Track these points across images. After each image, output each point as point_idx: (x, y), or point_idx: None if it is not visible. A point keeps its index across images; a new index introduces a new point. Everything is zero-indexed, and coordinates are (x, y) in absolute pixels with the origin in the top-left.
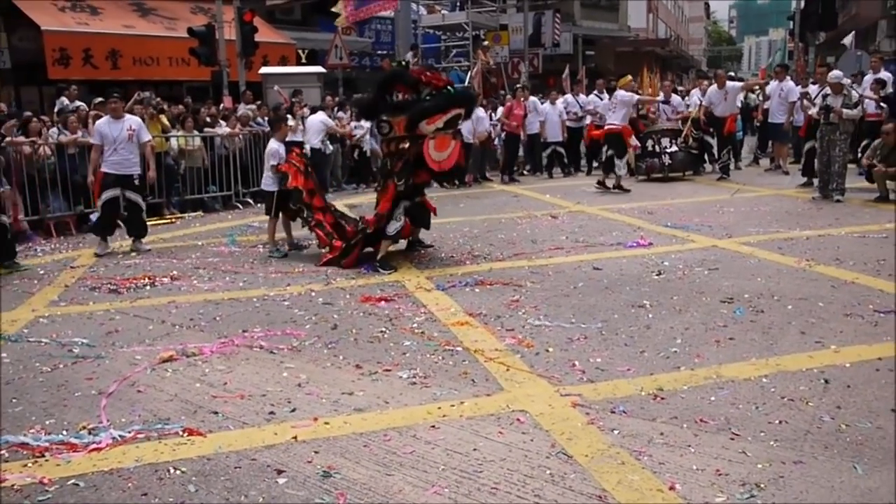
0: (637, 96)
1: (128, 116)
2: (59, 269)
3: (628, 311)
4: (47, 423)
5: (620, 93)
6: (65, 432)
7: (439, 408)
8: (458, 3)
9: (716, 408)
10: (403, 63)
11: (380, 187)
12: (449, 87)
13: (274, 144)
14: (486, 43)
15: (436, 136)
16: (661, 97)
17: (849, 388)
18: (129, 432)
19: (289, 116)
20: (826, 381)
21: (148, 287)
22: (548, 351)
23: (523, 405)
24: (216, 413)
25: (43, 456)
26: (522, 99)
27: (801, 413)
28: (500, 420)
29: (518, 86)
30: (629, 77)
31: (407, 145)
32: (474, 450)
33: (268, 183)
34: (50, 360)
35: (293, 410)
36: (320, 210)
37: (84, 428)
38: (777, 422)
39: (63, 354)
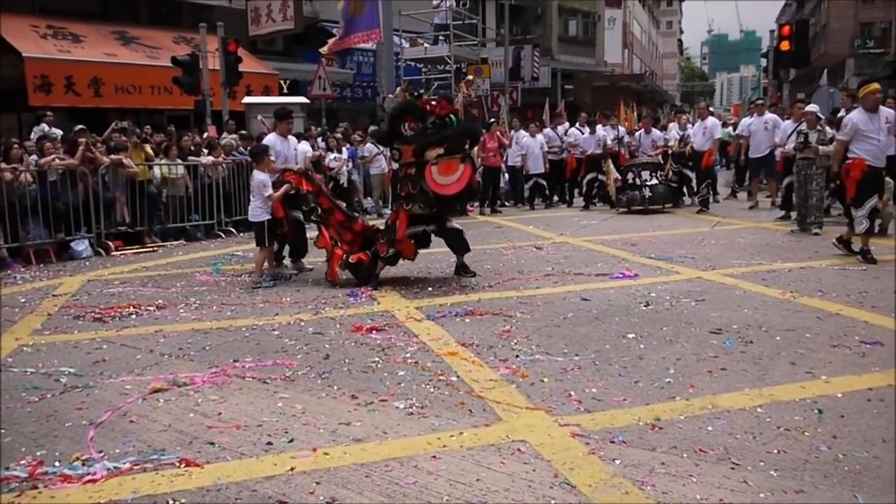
0: None
1: (291, 137)
2: (41, 297)
3: (619, 342)
4: (38, 454)
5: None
6: (57, 464)
7: (439, 438)
8: (441, 37)
9: (714, 437)
10: (415, 94)
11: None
12: (451, 116)
13: (261, 175)
14: (469, 77)
15: (438, 161)
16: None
17: (843, 418)
18: (125, 463)
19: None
20: (820, 411)
21: (133, 316)
22: (543, 381)
23: (523, 435)
24: (212, 444)
25: (36, 488)
26: (498, 133)
27: (798, 443)
28: (500, 450)
29: (492, 120)
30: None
31: (413, 171)
32: (477, 480)
33: (257, 213)
34: (37, 390)
35: (291, 441)
36: (328, 211)
37: (77, 459)
38: (775, 451)
39: (50, 384)
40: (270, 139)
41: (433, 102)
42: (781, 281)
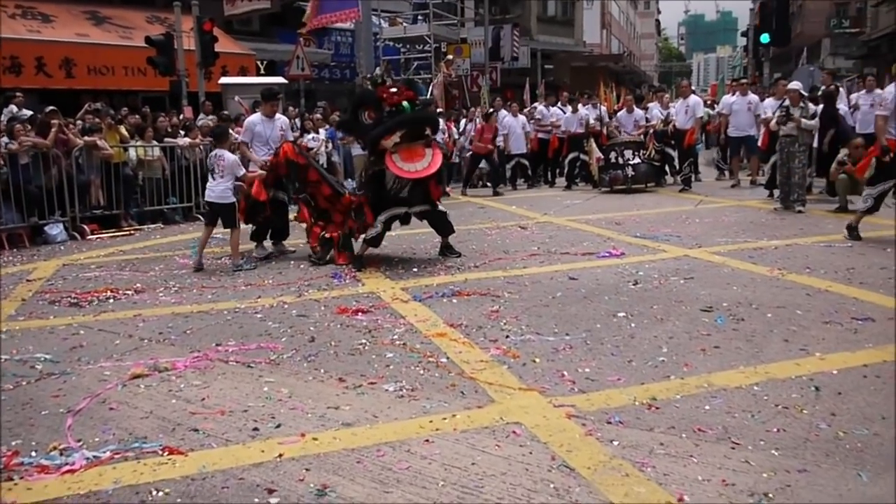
0: None
1: (278, 115)
2: (14, 282)
3: (610, 321)
4: (13, 444)
5: None
6: (33, 454)
7: (431, 421)
8: (420, 16)
9: (712, 417)
10: (375, 78)
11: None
12: (404, 103)
13: (230, 155)
14: (449, 57)
15: (397, 149)
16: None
17: (840, 395)
18: (105, 452)
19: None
20: (817, 389)
21: (111, 300)
22: (534, 361)
23: (517, 417)
24: (196, 430)
25: (11, 479)
26: (495, 122)
27: (797, 421)
28: (495, 433)
29: (491, 110)
30: None
31: (373, 159)
32: (472, 464)
33: (227, 195)
34: (11, 377)
35: (278, 426)
36: (316, 184)
37: (55, 448)
38: (775, 430)
39: (25, 371)
40: (254, 119)
41: (392, 90)
42: (768, 258)
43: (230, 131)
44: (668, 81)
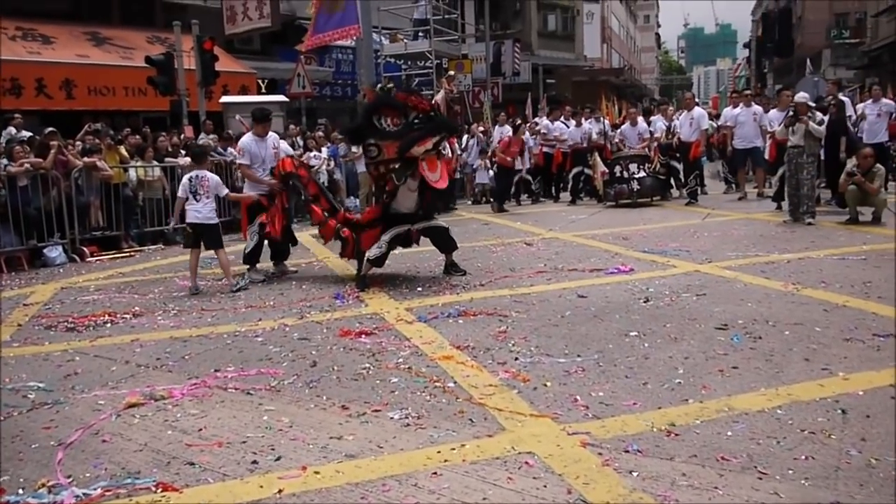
0: None
1: (271, 134)
2: (11, 306)
3: (622, 341)
4: (1, 480)
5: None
6: (21, 491)
7: (438, 452)
8: (420, 32)
9: (735, 444)
10: (387, 89)
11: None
12: (434, 112)
13: (213, 175)
14: (451, 73)
15: (425, 157)
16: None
17: (868, 419)
18: (95, 489)
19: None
20: (843, 412)
21: (108, 325)
22: (545, 385)
23: (530, 446)
24: (192, 464)
25: None
26: (522, 135)
27: (825, 447)
28: (506, 464)
29: (518, 122)
30: None
31: (397, 166)
32: (484, 499)
33: (213, 216)
34: (3, 407)
35: (278, 459)
36: (315, 197)
37: (43, 486)
38: (803, 458)
39: (17, 401)
40: (245, 140)
41: (413, 98)
42: (782, 272)
43: (210, 152)
44: (669, 94)
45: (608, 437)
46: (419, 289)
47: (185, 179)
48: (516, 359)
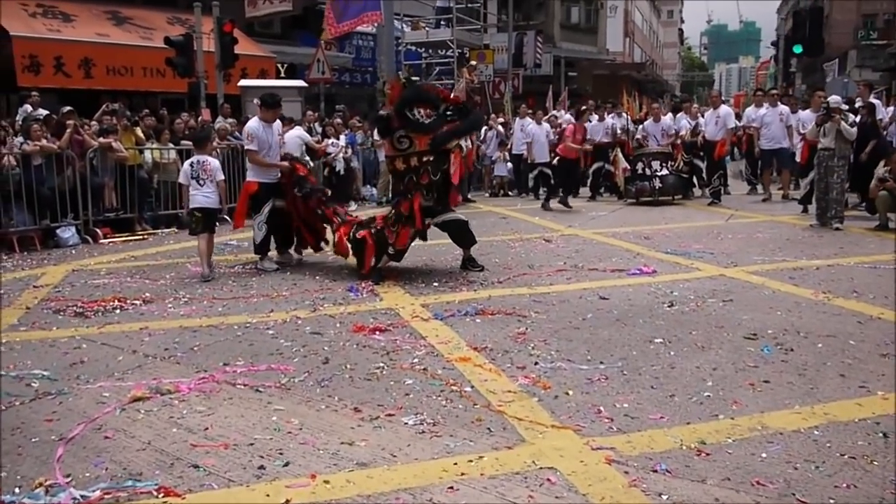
0: None
1: (276, 124)
2: (21, 288)
3: (647, 348)
4: None
5: None
6: (17, 490)
7: (455, 463)
8: (443, 21)
9: (770, 467)
10: (411, 80)
11: (399, 201)
12: (465, 105)
13: (214, 160)
14: (472, 62)
15: (454, 149)
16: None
17: None
18: (94, 491)
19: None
20: (884, 435)
21: (118, 311)
22: (567, 394)
23: (552, 461)
24: (197, 467)
25: None
26: (586, 122)
27: (867, 475)
28: (527, 480)
29: (584, 107)
30: None
31: (432, 159)
32: None
33: (213, 199)
34: (5, 396)
35: (286, 465)
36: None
37: (41, 485)
38: (844, 485)
39: (20, 390)
40: (253, 125)
41: (443, 91)
42: (811, 280)
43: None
44: (690, 91)
45: (634, 453)
46: (435, 284)
47: (186, 165)
48: (536, 363)
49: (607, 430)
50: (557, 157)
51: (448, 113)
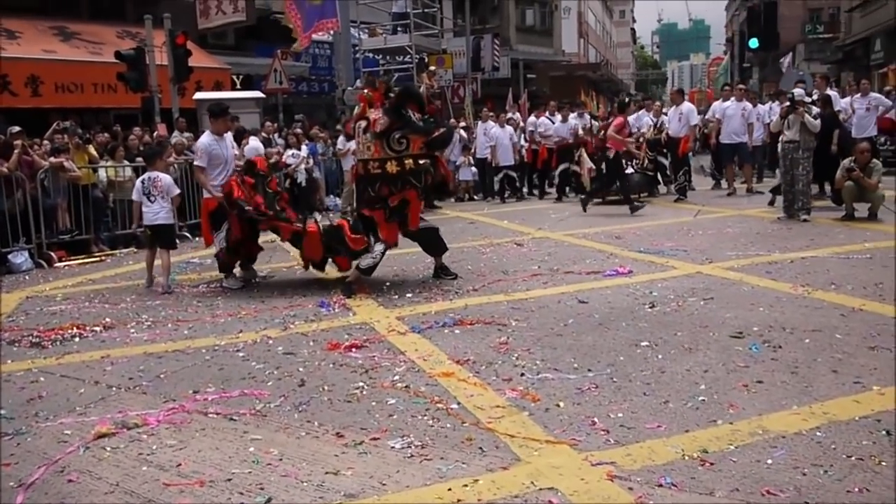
0: None
1: (228, 136)
2: None
3: (633, 352)
4: None
5: None
6: None
7: (450, 489)
8: (399, 27)
9: (778, 474)
10: (389, 83)
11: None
12: (434, 117)
13: (165, 175)
14: (431, 68)
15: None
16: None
17: None
18: None
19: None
20: (888, 433)
21: (77, 339)
22: (558, 406)
23: (551, 480)
24: None
25: None
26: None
27: (878, 477)
28: (527, 503)
29: (627, 99)
30: None
31: (427, 161)
32: None
33: (167, 216)
34: None
35: (268, 501)
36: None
37: None
38: (856, 490)
39: None
40: (204, 141)
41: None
42: (788, 273)
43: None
44: (644, 89)
45: (636, 467)
46: (409, 295)
47: (138, 182)
48: (522, 374)
49: (604, 442)
50: (610, 152)
51: (431, 120)
